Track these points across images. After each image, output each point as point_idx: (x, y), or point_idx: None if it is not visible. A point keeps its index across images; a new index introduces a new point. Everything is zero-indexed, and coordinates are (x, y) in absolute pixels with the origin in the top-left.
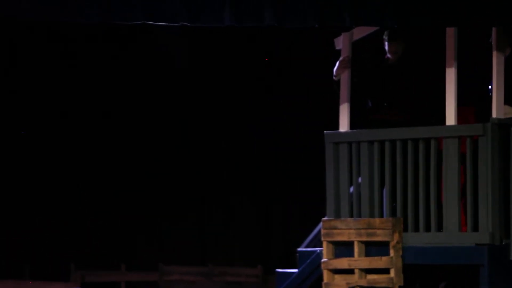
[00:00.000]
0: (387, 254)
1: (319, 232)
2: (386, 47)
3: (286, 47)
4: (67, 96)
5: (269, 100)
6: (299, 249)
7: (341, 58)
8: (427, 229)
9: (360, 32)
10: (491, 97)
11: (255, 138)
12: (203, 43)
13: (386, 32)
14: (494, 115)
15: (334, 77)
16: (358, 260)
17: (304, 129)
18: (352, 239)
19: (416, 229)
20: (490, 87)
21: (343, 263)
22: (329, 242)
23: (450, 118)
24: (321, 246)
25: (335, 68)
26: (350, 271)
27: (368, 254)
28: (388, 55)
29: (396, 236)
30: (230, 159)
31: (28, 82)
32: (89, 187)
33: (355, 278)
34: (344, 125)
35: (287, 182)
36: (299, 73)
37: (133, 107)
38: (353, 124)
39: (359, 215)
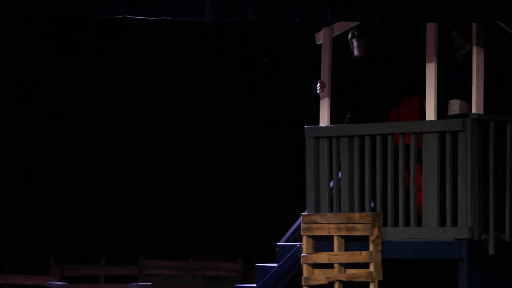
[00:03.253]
0: (367, 248)
1: (299, 226)
2: (354, 43)
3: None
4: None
5: (252, 94)
6: (279, 243)
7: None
8: (407, 224)
9: (340, 27)
10: (447, 89)
11: (238, 133)
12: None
13: (351, 31)
14: (473, 110)
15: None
16: (338, 255)
17: (287, 124)
18: (332, 233)
19: (396, 224)
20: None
21: (322, 257)
22: (309, 236)
23: (430, 114)
24: (301, 240)
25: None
26: (329, 266)
27: (347, 248)
28: (356, 53)
29: (375, 231)
30: (212, 153)
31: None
32: (69, 181)
33: (334, 273)
34: (324, 120)
35: (268, 176)
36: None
37: (119, 101)
38: (343, 121)
39: (339, 210)
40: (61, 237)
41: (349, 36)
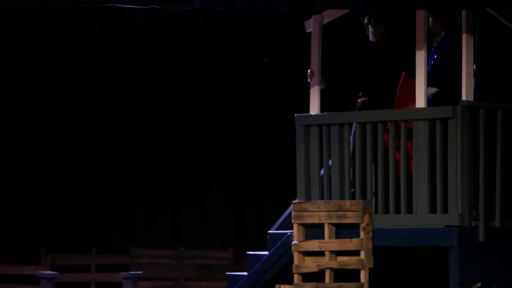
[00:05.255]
0: (358, 236)
1: (289, 214)
2: (370, 30)
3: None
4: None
5: (242, 85)
6: (269, 231)
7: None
8: (397, 211)
9: (330, 15)
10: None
11: (228, 122)
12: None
13: (367, 16)
14: (463, 97)
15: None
16: (329, 242)
17: (277, 112)
18: (322, 221)
19: (387, 211)
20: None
21: (313, 245)
22: (299, 224)
23: (420, 101)
24: (291, 228)
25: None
26: (320, 253)
27: (338, 236)
28: (372, 39)
29: (366, 218)
30: (203, 142)
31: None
32: (60, 171)
33: (325, 260)
34: (314, 108)
35: (259, 165)
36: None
37: (113, 91)
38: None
39: (330, 198)
40: (52, 226)
41: (365, 21)
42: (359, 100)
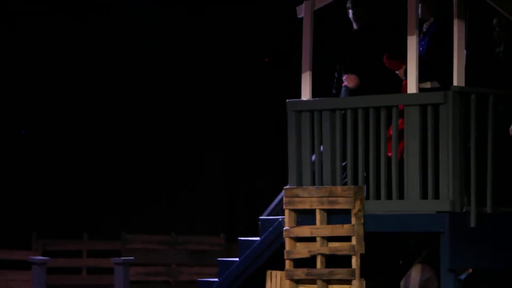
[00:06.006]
0: (349, 222)
1: (281, 200)
2: (350, 15)
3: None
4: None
5: (236, 69)
6: (261, 217)
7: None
8: (389, 197)
9: (321, 0)
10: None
11: (220, 108)
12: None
13: (348, 1)
14: (455, 83)
15: None
16: (320, 228)
17: (269, 98)
18: (314, 207)
19: (378, 197)
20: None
21: (305, 231)
22: (291, 210)
23: (412, 86)
24: (283, 214)
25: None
26: (312, 239)
27: (330, 222)
28: (354, 24)
29: (357, 204)
30: (196, 128)
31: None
32: (51, 156)
33: (317, 246)
34: (306, 94)
35: (251, 151)
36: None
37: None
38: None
39: (321, 183)
40: (43, 212)
41: (347, 4)
42: (343, 85)
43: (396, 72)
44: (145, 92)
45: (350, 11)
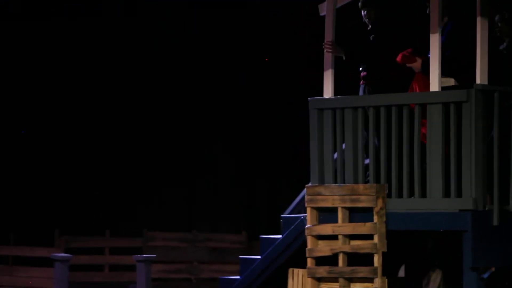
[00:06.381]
0: (371, 220)
1: (303, 198)
2: (363, 15)
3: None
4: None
5: (256, 66)
6: (283, 215)
7: (325, 44)
8: (411, 195)
9: None
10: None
11: (241, 107)
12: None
13: (360, 1)
14: (478, 81)
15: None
16: (342, 226)
17: (290, 96)
18: (336, 205)
19: (400, 195)
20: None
21: (327, 229)
22: (313, 208)
23: (434, 84)
24: (305, 212)
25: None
26: (334, 237)
27: (352, 220)
28: (367, 23)
29: (380, 202)
30: (216, 125)
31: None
32: (74, 154)
33: (338, 244)
34: (328, 91)
35: (273, 148)
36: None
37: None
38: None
39: (343, 181)
40: (66, 209)
41: (359, 4)
42: (360, 83)
43: (409, 65)
44: (166, 91)
45: (362, 12)
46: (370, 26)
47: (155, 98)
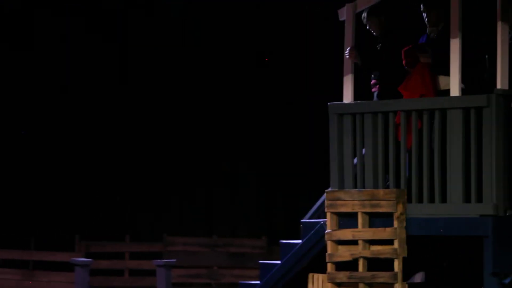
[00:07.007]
0: (391, 225)
1: (323, 203)
2: (368, 25)
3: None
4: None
5: (275, 73)
6: (303, 220)
7: (346, 52)
8: (431, 200)
9: (363, 3)
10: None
11: (261, 112)
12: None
13: (363, 14)
14: (498, 86)
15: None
16: (362, 231)
17: (309, 101)
18: (356, 210)
19: (420, 200)
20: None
21: (347, 234)
22: (333, 213)
23: (454, 89)
24: (325, 217)
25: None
26: (354, 242)
27: (372, 225)
28: (374, 32)
29: (400, 207)
30: (236, 131)
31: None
32: (94, 160)
33: (359, 249)
34: (348, 97)
35: (292, 153)
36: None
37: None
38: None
39: (363, 186)
40: (86, 214)
41: (362, 16)
42: (372, 90)
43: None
44: (187, 98)
45: (366, 24)
46: (376, 34)
47: (176, 104)
